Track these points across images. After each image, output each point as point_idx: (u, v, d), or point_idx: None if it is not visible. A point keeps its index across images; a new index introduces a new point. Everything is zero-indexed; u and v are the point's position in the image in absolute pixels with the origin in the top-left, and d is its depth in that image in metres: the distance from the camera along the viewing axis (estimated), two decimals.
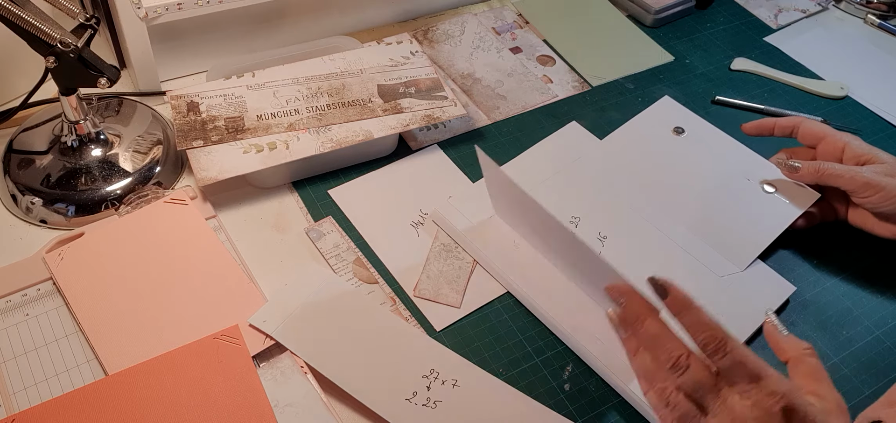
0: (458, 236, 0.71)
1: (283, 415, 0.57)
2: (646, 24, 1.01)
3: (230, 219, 0.72)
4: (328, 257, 0.69)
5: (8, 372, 0.59)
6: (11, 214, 0.71)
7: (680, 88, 0.91)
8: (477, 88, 0.88)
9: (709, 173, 0.77)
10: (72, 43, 0.65)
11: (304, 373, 0.60)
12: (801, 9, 1.07)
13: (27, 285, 0.64)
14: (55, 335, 0.61)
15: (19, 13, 0.62)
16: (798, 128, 0.76)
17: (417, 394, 0.59)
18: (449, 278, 0.68)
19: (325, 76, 0.80)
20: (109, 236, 0.67)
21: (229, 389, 0.57)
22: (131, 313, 0.62)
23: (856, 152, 0.71)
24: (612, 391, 0.62)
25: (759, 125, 0.79)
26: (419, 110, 0.78)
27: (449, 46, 0.93)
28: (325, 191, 0.75)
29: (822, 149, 0.74)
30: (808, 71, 0.96)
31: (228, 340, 0.60)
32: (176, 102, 0.75)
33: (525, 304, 0.67)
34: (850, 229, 0.73)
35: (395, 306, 0.66)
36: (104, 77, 0.67)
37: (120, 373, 0.57)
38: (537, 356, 0.64)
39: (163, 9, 0.75)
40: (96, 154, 0.72)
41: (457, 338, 0.64)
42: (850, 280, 0.72)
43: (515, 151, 0.80)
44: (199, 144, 0.72)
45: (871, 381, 0.64)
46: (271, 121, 0.74)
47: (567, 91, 0.89)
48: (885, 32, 1.04)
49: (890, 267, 0.73)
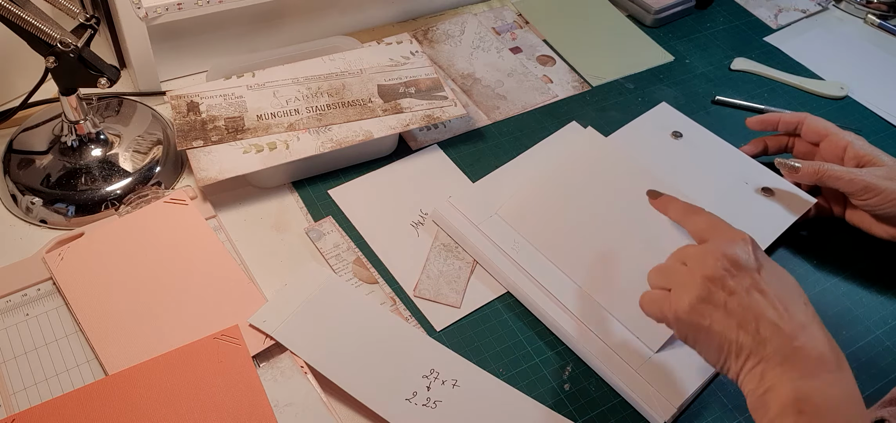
0: (458, 236, 0.71)
1: (283, 415, 0.57)
2: (646, 24, 1.01)
3: (230, 219, 0.72)
4: (328, 257, 0.69)
5: (8, 372, 0.59)
6: (11, 214, 0.71)
7: (680, 88, 0.91)
8: (477, 88, 0.88)
9: (706, 178, 0.77)
10: (72, 43, 0.65)
11: (304, 373, 0.60)
12: (801, 9, 1.07)
13: (27, 285, 0.64)
14: (55, 335, 0.61)
15: (19, 13, 0.62)
16: (802, 123, 0.76)
17: (417, 394, 0.59)
18: (449, 278, 0.68)
19: (325, 76, 0.80)
20: (109, 236, 0.67)
21: (229, 389, 0.57)
22: (131, 313, 0.62)
23: (857, 153, 0.71)
24: (612, 391, 0.62)
25: (763, 120, 0.79)
26: (419, 110, 0.78)
27: (449, 46, 0.93)
28: (325, 191, 0.75)
29: (824, 147, 0.74)
30: (808, 71, 0.96)
31: (228, 340, 0.60)
32: (176, 102, 0.75)
33: (525, 304, 0.67)
34: (849, 229, 0.73)
35: (395, 306, 0.66)
36: (104, 77, 0.67)
37: (120, 373, 0.57)
38: (537, 355, 0.64)
39: (163, 9, 0.75)
40: (96, 154, 0.72)
41: (457, 338, 0.64)
42: (850, 280, 0.72)
43: (515, 151, 0.80)
44: (199, 144, 0.72)
45: (871, 381, 0.64)
46: (271, 121, 0.74)
47: (567, 91, 0.89)
48: (885, 32, 1.04)
49: (889, 267, 0.73)
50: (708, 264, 0.53)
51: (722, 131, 0.82)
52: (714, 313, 0.52)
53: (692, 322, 0.52)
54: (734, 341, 0.51)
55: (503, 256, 0.68)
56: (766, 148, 0.80)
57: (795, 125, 0.77)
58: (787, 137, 0.79)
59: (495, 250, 0.69)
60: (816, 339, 0.50)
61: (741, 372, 0.51)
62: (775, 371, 0.49)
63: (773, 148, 0.80)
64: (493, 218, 0.71)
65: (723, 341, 0.51)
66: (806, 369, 0.48)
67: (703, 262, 0.54)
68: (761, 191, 0.75)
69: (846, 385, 0.49)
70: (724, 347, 0.51)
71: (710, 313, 0.52)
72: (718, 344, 0.51)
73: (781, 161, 0.74)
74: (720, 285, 0.52)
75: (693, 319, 0.52)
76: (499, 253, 0.69)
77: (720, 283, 0.52)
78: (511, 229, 0.70)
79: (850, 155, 0.72)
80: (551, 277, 0.67)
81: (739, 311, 0.51)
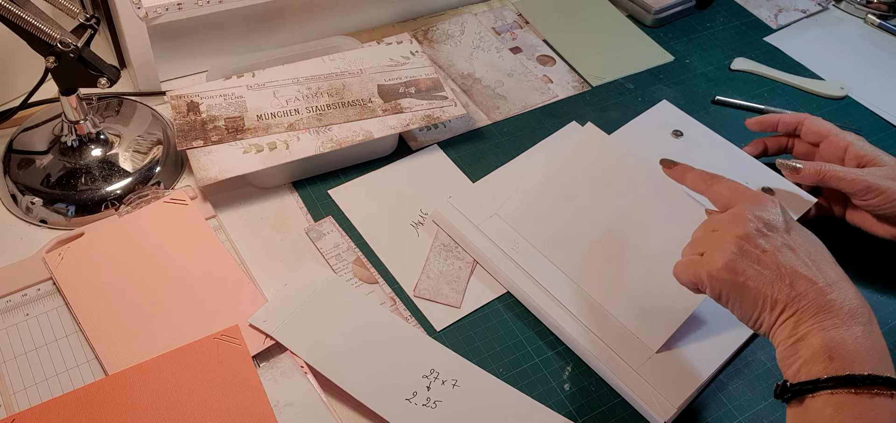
0: (458, 236, 0.71)
1: (283, 415, 0.57)
2: (646, 24, 1.01)
3: (230, 219, 0.72)
4: (328, 257, 0.69)
5: (8, 372, 0.59)
6: (11, 214, 0.71)
7: (680, 88, 0.91)
8: (477, 88, 0.88)
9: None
10: (72, 43, 0.65)
11: (304, 373, 0.60)
12: (801, 9, 1.07)
13: (27, 285, 0.64)
14: (55, 335, 0.61)
15: (19, 13, 0.62)
16: (802, 124, 0.76)
17: (417, 394, 0.59)
18: (449, 278, 0.68)
19: (325, 76, 0.80)
20: (109, 236, 0.67)
21: (229, 389, 0.57)
22: (131, 313, 0.62)
23: (858, 153, 0.71)
24: (612, 391, 0.62)
25: (762, 121, 0.79)
26: (419, 110, 0.78)
27: (449, 46, 0.93)
28: (325, 191, 0.75)
29: (825, 147, 0.74)
30: (808, 71, 0.96)
31: (228, 340, 0.60)
32: (176, 102, 0.75)
33: (525, 304, 0.67)
34: (849, 229, 0.73)
35: (395, 306, 0.66)
36: (104, 77, 0.67)
37: (120, 373, 0.57)
38: (537, 355, 0.64)
39: (163, 9, 0.75)
40: (96, 154, 0.72)
41: (457, 338, 0.64)
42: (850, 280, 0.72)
43: (515, 152, 0.80)
44: (199, 144, 0.72)
45: None
46: (271, 121, 0.74)
47: (567, 91, 0.89)
48: (885, 32, 1.04)
49: (889, 267, 0.73)
50: (739, 224, 0.55)
51: (722, 132, 0.82)
52: (748, 269, 0.53)
53: (727, 280, 0.53)
54: (769, 296, 0.52)
55: (503, 256, 0.68)
56: (766, 149, 0.80)
57: (795, 126, 0.77)
58: (786, 138, 0.79)
59: (495, 250, 0.69)
60: (848, 294, 0.52)
61: (775, 325, 0.52)
62: (808, 322, 0.51)
63: (773, 149, 0.80)
64: (493, 218, 0.71)
65: (758, 295, 0.52)
66: (838, 319, 0.50)
67: (734, 223, 0.55)
68: (762, 191, 0.75)
69: (876, 338, 0.50)
70: (758, 301, 0.53)
71: (744, 269, 0.53)
72: (753, 299, 0.53)
73: (782, 162, 0.74)
74: (752, 243, 0.54)
75: (728, 276, 0.53)
76: (499, 253, 0.69)
77: (752, 241, 0.54)
78: (511, 228, 0.70)
79: (850, 155, 0.72)
80: (551, 277, 0.67)
81: (773, 266, 0.53)
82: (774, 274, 0.52)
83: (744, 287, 0.53)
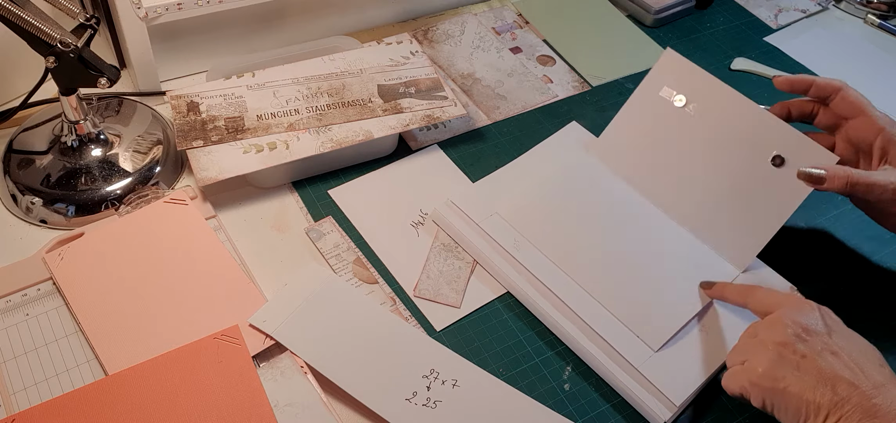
0: (458, 235, 0.71)
1: (283, 415, 0.57)
2: (646, 24, 1.01)
3: (230, 219, 0.72)
4: (328, 257, 0.69)
5: (8, 372, 0.59)
6: (11, 214, 0.71)
7: None
8: (477, 88, 0.88)
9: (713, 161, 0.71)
10: (72, 43, 0.65)
11: (304, 373, 0.60)
12: (801, 9, 1.07)
13: (27, 285, 0.64)
14: (55, 335, 0.61)
15: (19, 13, 0.62)
16: (838, 93, 0.70)
17: (417, 394, 0.59)
18: (449, 278, 0.68)
19: (325, 76, 0.80)
20: (109, 236, 0.67)
21: (229, 389, 0.57)
22: (131, 313, 0.62)
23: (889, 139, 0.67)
24: (612, 392, 0.62)
25: (793, 81, 0.72)
26: (419, 110, 0.78)
27: (449, 46, 0.93)
28: (325, 191, 0.75)
29: (857, 125, 0.69)
30: (809, 71, 0.96)
31: (228, 340, 0.60)
32: (176, 102, 0.75)
33: (525, 304, 0.67)
34: (849, 229, 0.73)
35: (395, 306, 0.66)
36: (104, 77, 0.67)
37: (120, 373, 0.57)
38: (537, 355, 0.64)
39: (163, 9, 0.75)
40: (96, 154, 0.72)
41: (457, 338, 0.64)
42: (850, 280, 0.72)
43: (515, 152, 0.80)
44: (199, 144, 0.72)
45: None
46: (271, 121, 0.74)
47: (567, 91, 0.89)
48: (885, 32, 1.04)
49: (890, 267, 0.73)
50: (778, 331, 0.54)
51: None
52: (788, 375, 0.52)
53: (768, 387, 0.53)
54: (812, 401, 0.51)
55: (503, 255, 0.68)
56: (790, 113, 0.74)
57: (830, 94, 0.70)
58: (812, 104, 0.73)
59: (495, 249, 0.69)
60: (894, 398, 0.50)
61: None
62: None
63: (797, 113, 0.74)
64: (493, 218, 0.71)
65: (800, 402, 0.52)
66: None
67: (773, 330, 0.55)
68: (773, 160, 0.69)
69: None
70: (801, 408, 0.52)
71: (784, 375, 0.52)
72: (796, 406, 0.52)
73: (803, 171, 0.67)
74: (791, 348, 0.53)
75: (768, 383, 0.53)
76: (499, 253, 0.69)
77: (791, 346, 0.53)
78: (511, 228, 0.70)
79: (880, 143, 0.67)
80: (551, 276, 0.67)
81: (814, 372, 0.52)
82: (815, 379, 0.51)
83: (785, 393, 0.52)
